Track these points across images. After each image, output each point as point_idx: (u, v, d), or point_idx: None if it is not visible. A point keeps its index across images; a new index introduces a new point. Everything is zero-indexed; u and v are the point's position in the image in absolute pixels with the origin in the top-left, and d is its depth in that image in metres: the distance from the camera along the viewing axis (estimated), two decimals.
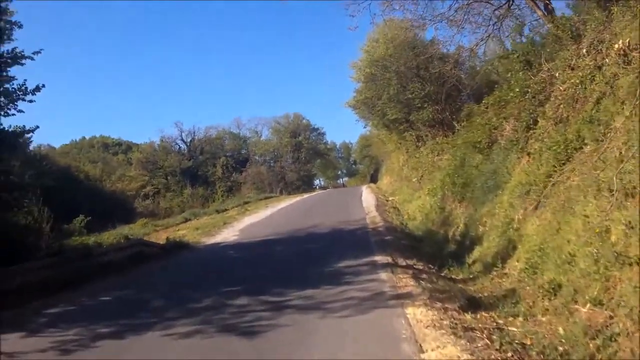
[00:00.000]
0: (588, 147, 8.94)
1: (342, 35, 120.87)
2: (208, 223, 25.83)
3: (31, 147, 26.90)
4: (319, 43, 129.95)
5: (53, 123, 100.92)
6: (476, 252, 12.05)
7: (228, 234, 20.46)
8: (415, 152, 29.16)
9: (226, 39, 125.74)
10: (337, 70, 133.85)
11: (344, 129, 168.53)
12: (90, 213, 26.96)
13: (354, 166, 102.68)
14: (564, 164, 9.76)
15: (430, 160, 25.05)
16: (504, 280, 9.55)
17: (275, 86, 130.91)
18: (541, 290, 7.60)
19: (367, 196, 33.21)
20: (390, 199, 32.17)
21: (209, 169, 67.85)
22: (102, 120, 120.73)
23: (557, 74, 12.31)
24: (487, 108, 17.00)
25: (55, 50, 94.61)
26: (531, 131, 12.42)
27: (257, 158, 74.84)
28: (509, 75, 15.59)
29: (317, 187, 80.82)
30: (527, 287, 8.30)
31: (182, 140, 70.09)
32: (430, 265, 11.32)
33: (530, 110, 12.65)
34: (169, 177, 65.24)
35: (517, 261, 9.69)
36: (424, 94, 24.65)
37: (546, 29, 16.12)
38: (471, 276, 10.70)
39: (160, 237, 20.51)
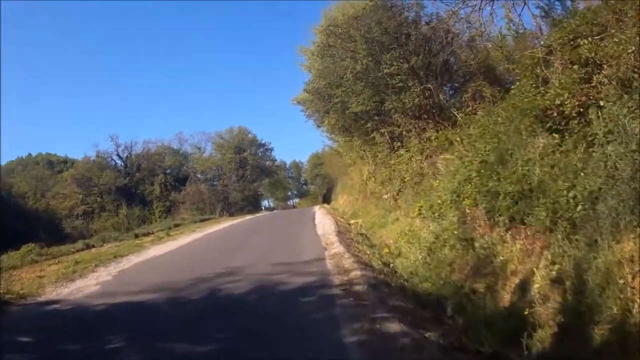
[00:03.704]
0: None
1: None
2: (100, 254, 18.35)
3: None
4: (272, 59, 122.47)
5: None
6: None
7: (94, 280, 12.13)
8: (388, 158, 21.08)
9: (170, 47, 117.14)
10: (288, 84, 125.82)
11: (295, 148, 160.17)
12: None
13: (304, 186, 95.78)
14: None
15: (415, 167, 17.04)
16: None
17: (224, 102, 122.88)
18: None
19: (323, 219, 25.00)
20: (352, 222, 24.13)
21: (146, 187, 60.90)
22: (48, 136, 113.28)
23: None
24: (549, 54, 9.35)
25: None
26: None
27: (198, 176, 67.02)
28: None
29: (264, 208, 72.68)
30: None
31: (118, 155, 62.81)
32: None
33: None
34: (104, 196, 58.84)
35: None
36: (408, 68, 16.69)
37: None
38: None
39: (29, 273, 14.19)
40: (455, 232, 10.33)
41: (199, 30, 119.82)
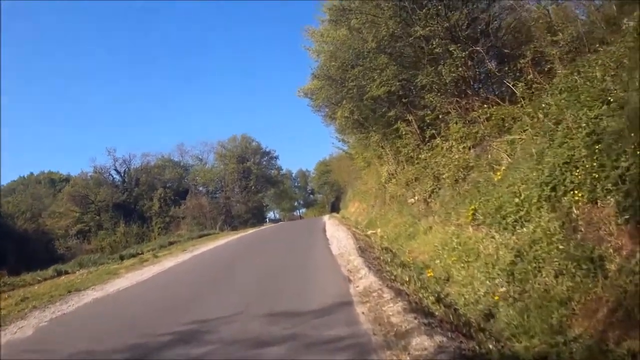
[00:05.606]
0: None
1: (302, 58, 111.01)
2: (58, 287, 16.03)
3: None
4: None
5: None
6: None
7: (4, 339, 8.62)
8: (416, 152, 17.09)
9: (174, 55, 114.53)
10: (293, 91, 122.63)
11: (301, 157, 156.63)
12: None
13: (311, 196, 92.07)
14: None
15: (458, 158, 13.03)
16: None
17: (227, 112, 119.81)
18: None
19: (336, 231, 21.05)
20: (369, 233, 20.15)
21: (145, 203, 57.78)
22: (49, 154, 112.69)
23: None
24: None
25: None
26: None
27: (200, 189, 63.40)
28: None
29: (268, 220, 68.85)
30: None
31: (116, 170, 59.73)
32: None
33: None
34: (101, 213, 55.67)
35: None
36: (447, 28, 12.72)
37: None
38: None
39: None
40: (561, 247, 6.29)
41: (198, 34, 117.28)
